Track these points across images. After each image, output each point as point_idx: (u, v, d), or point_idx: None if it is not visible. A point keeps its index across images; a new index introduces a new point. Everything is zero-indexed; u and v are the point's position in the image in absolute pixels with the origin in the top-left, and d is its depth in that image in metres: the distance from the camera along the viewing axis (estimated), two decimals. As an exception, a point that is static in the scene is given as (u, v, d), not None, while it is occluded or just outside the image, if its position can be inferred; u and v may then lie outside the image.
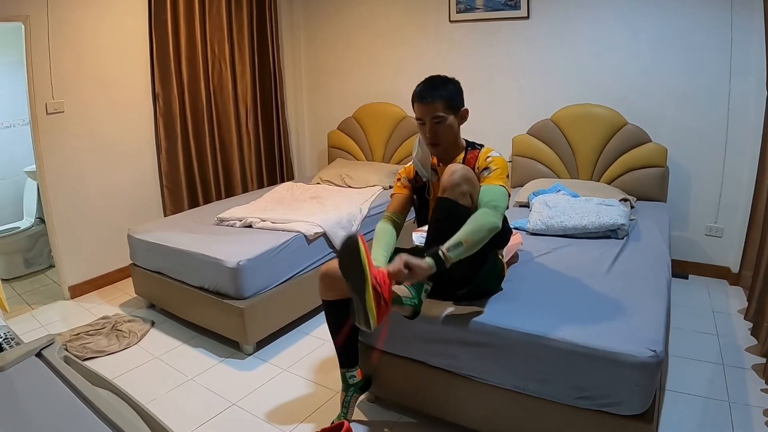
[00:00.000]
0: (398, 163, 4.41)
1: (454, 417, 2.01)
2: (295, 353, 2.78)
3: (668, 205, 3.33)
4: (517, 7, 3.80)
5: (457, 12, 4.06)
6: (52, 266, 4.17)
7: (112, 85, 3.72)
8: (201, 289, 2.86)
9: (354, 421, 2.17)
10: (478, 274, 1.94)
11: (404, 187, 2.23)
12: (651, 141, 3.39)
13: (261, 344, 2.84)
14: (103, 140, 3.72)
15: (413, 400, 2.14)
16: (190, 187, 4.18)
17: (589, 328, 1.71)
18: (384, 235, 2.10)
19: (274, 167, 4.94)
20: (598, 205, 2.82)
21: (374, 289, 1.64)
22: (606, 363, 1.60)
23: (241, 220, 3.22)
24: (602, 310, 1.86)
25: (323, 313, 2.15)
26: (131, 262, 3.37)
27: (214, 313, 2.82)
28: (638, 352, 1.57)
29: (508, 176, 1.99)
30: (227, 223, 3.26)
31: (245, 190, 4.62)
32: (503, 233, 1.96)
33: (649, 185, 3.38)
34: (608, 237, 2.67)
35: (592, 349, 1.62)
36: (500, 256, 2.09)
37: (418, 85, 2.01)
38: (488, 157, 2.00)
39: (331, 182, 4.22)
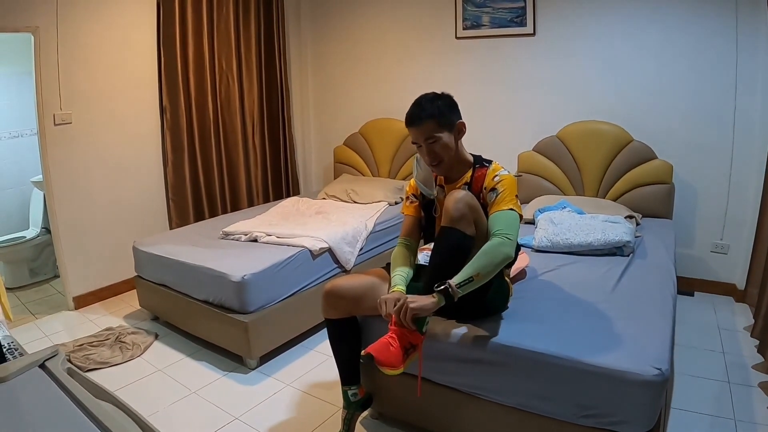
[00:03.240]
0: (404, 179, 4.41)
1: None
2: (299, 368, 2.77)
3: (674, 222, 3.33)
4: (523, 24, 3.83)
5: (464, 29, 4.10)
6: (56, 276, 4.20)
7: (120, 97, 3.77)
8: (205, 302, 2.87)
9: (356, 437, 2.16)
10: (485, 295, 1.92)
11: (412, 204, 2.21)
12: (657, 158, 3.39)
13: (264, 359, 2.84)
14: (109, 151, 3.75)
15: (416, 417, 2.13)
16: (195, 199, 4.20)
17: (593, 346, 1.71)
18: (399, 260, 2.09)
19: (280, 182, 4.96)
20: (603, 222, 2.82)
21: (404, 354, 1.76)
22: (611, 381, 1.59)
23: (246, 234, 3.23)
24: (607, 328, 1.86)
25: (331, 342, 2.15)
26: (136, 274, 3.39)
27: (218, 326, 2.82)
28: (643, 371, 1.56)
29: (516, 196, 1.97)
30: (232, 237, 3.27)
31: (251, 204, 4.64)
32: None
33: (654, 202, 3.37)
34: (614, 254, 2.66)
35: (597, 367, 1.61)
36: (507, 277, 2.08)
37: (409, 109, 1.99)
38: (496, 176, 1.97)
39: (337, 197, 4.24)
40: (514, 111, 4.03)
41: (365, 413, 2.30)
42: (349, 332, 2.07)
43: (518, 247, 2.12)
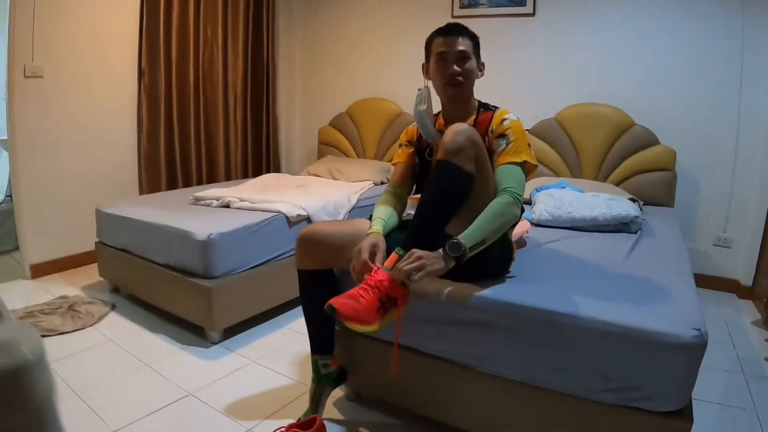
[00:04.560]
0: (391, 161, 4.07)
1: (449, 417, 1.64)
2: (267, 345, 2.40)
3: (676, 212, 3.03)
4: (522, 3, 3.56)
5: (461, 7, 3.81)
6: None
7: (97, 55, 3.39)
8: (167, 267, 2.49)
9: (328, 419, 1.80)
10: (486, 255, 1.59)
11: (407, 153, 1.90)
12: (659, 143, 3.10)
13: (229, 333, 2.46)
14: (81, 111, 3.37)
15: (400, 397, 1.76)
16: (170, 171, 3.82)
17: (617, 306, 1.38)
18: (383, 204, 1.78)
19: (260, 161, 4.59)
20: (607, 200, 2.51)
21: (381, 305, 1.41)
22: (641, 346, 1.26)
23: (218, 200, 2.87)
24: (628, 290, 1.53)
25: (302, 299, 1.78)
26: (97, 240, 3.00)
27: (178, 294, 2.44)
28: (681, 332, 1.23)
29: (529, 144, 1.68)
30: (203, 202, 2.91)
31: (228, 179, 4.26)
32: None
33: (656, 189, 3.08)
34: (620, 231, 2.35)
35: (625, 328, 1.28)
36: (510, 237, 1.76)
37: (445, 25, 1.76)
38: (504, 119, 1.69)
39: (319, 176, 3.88)
40: (510, 93, 3.72)
41: (338, 393, 1.95)
42: (324, 288, 1.72)
43: (523, 208, 1.80)
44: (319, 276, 1.71)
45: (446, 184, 1.49)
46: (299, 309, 1.97)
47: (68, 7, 3.19)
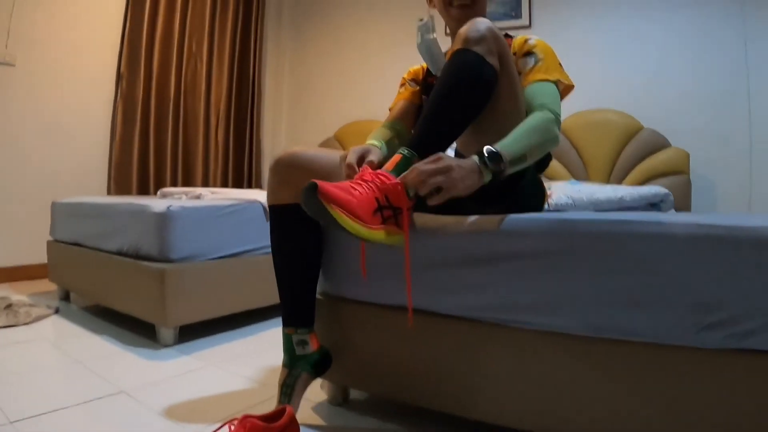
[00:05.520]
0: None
1: (476, 410, 1.11)
2: (231, 350, 1.88)
3: (694, 217, 2.66)
4: (518, 16, 3.36)
5: (454, 25, 3.60)
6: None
7: (75, 52, 3.09)
8: (120, 254, 2.02)
9: (306, 426, 1.27)
10: (518, 184, 1.22)
11: (410, 91, 1.55)
12: (670, 146, 2.78)
13: (186, 336, 1.95)
14: (51, 108, 3.01)
15: (405, 388, 1.23)
16: (141, 182, 3.40)
17: (703, 217, 0.95)
18: (377, 132, 1.40)
19: (241, 184, 4.18)
20: (628, 188, 2.14)
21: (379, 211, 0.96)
22: (755, 249, 0.82)
23: (187, 194, 2.44)
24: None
25: (273, 245, 1.31)
26: (50, 238, 2.56)
27: (128, 284, 1.95)
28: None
29: (560, 64, 1.35)
30: (172, 196, 2.48)
31: (206, 200, 3.82)
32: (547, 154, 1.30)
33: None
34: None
35: (730, 228, 0.85)
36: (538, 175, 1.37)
37: None
38: (528, 39, 1.36)
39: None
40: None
41: (319, 395, 1.44)
42: (303, 228, 1.27)
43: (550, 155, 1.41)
44: (297, 213, 1.24)
45: (464, 71, 1.10)
46: (277, 320, 1.45)
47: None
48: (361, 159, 1.13)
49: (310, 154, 1.26)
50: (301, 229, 1.26)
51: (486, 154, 1.02)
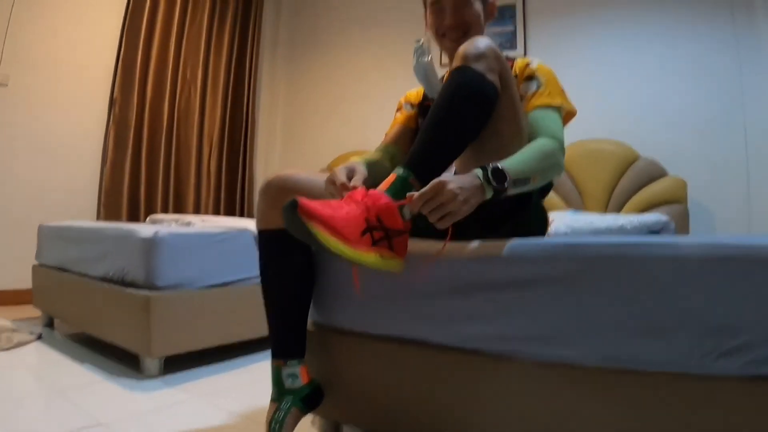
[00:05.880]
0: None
1: None
2: (218, 383, 1.79)
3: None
4: (513, 47, 3.39)
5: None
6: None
7: (69, 74, 3.09)
8: (105, 280, 1.95)
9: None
10: (522, 210, 1.18)
11: (406, 115, 1.53)
12: (667, 175, 2.78)
13: (171, 368, 1.87)
14: (42, 130, 2.98)
15: (402, 422, 1.15)
16: (131, 208, 3.34)
17: (707, 237, 0.90)
18: (365, 156, 1.36)
19: (233, 216, 4.12)
20: (628, 216, 2.11)
21: (369, 232, 0.91)
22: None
23: (177, 220, 2.38)
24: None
25: (261, 273, 1.25)
26: (36, 263, 2.51)
27: (113, 312, 1.88)
28: None
29: (563, 90, 1.32)
30: (161, 223, 2.42)
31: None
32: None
33: (669, 225, 2.69)
34: (651, 241, 1.92)
35: (750, 248, 0.81)
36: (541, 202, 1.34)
37: None
38: (529, 63, 1.34)
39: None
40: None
41: (307, 427, 1.37)
42: (293, 254, 1.22)
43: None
44: (287, 238, 1.19)
45: (464, 88, 1.07)
46: (267, 352, 1.37)
47: (46, 20, 2.96)
48: (349, 179, 1.09)
49: (302, 177, 1.22)
50: (291, 255, 1.20)
51: (490, 170, 0.98)
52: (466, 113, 1.06)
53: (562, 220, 2.05)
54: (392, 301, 1.10)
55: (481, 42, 1.12)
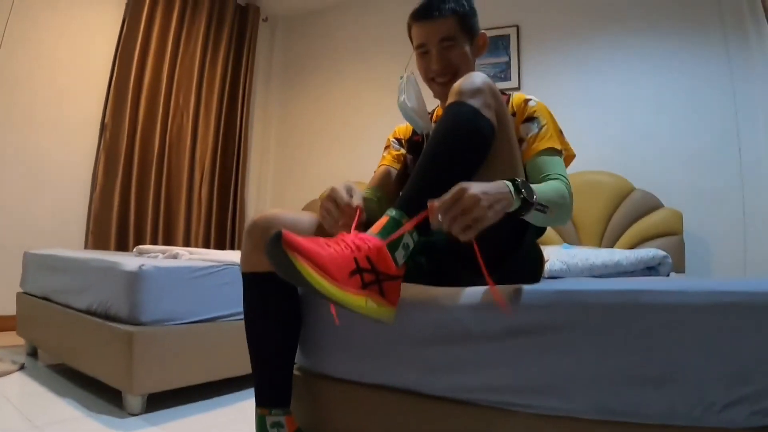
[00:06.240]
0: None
1: None
2: (203, 422, 1.73)
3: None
4: (507, 78, 3.42)
5: (444, 86, 3.65)
6: None
7: (59, 98, 3.08)
8: (88, 313, 1.90)
9: None
10: (515, 251, 1.15)
11: (393, 155, 1.51)
12: (663, 206, 2.78)
13: (154, 405, 1.80)
14: (32, 155, 2.95)
15: None
16: (120, 237, 3.29)
17: (713, 283, 0.88)
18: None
19: (224, 245, 4.08)
20: (625, 251, 2.09)
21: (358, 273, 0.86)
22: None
23: (164, 252, 2.33)
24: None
25: (246, 317, 1.21)
26: (20, 290, 2.48)
27: (95, 346, 1.82)
28: None
29: (562, 132, 1.31)
30: (148, 255, 2.37)
31: (185, 258, 3.71)
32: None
33: (665, 257, 2.67)
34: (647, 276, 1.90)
35: (756, 295, 0.79)
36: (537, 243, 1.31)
37: (419, 2, 1.35)
38: (527, 100, 1.32)
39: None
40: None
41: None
42: (279, 298, 1.18)
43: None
44: (272, 282, 1.13)
45: (459, 124, 1.04)
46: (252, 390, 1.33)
47: (37, 42, 2.93)
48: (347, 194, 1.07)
49: (289, 217, 1.18)
50: (277, 299, 1.17)
51: (519, 181, 0.95)
52: (462, 151, 1.03)
53: (556, 256, 2.03)
54: (381, 347, 1.06)
55: (477, 77, 1.09)
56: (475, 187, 0.88)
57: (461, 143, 1.03)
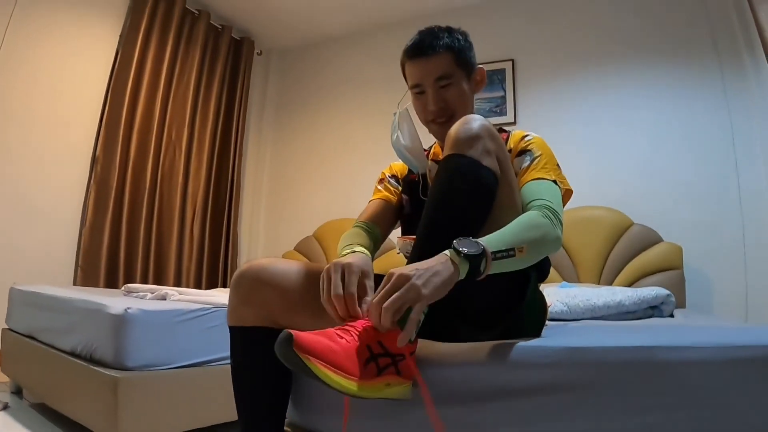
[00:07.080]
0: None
1: None
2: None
3: (689, 313, 2.57)
4: (503, 113, 3.45)
5: (439, 120, 3.67)
6: None
7: (50, 129, 3.05)
8: (73, 355, 1.85)
9: None
10: (519, 304, 1.09)
11: (389, 190, 1.47)
12: (662, 241, 2.78)
13: (139, 455, 1.73)
14: (21, 187, 2.91)
15: None
16: (110, 273, 3.23)
17: (727, 333, 0.86)
18: (354, 237, 1.26)
19: (216, 282, 4.01)
20: (627, 289, 2.06)
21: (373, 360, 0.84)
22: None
23: (153, 292, 2.28)
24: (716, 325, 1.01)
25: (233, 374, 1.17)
26: (5, 326, 2.44)
27: (80, 389, 1.77)
28: None
29: (559, 166, 1.26)
30: (136, 294, 2.32)
31: (175, 295, 3.64)
32: (546, 261, 1.21)
33: (666, 292, 2.65)
34: (650, 317, 1.87)
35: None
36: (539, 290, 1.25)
37: (411, 39, 1.32)
38: (525, 136, 1.29)
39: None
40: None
41: None
42: (268, 353, 1.12)
43: (550, 263, 1.29)
44: (262, 335, 1.10)
45: (458, 181, 1.00)
46: None
47: (27, 73, 2.92)
48: (360, 287, 0.96)
49: (279, 267, 1.13)
50: (266, 354, 1.10)
51: (455, 242, 0.88)
52: (464, 209, 1.00)
53: (556, 297, 2.00)
54: (380, 410, 1.01)
55: (474, 122, 1.05)
56: (407, 268, 0.85)
57: (462, 201, 0.99)
